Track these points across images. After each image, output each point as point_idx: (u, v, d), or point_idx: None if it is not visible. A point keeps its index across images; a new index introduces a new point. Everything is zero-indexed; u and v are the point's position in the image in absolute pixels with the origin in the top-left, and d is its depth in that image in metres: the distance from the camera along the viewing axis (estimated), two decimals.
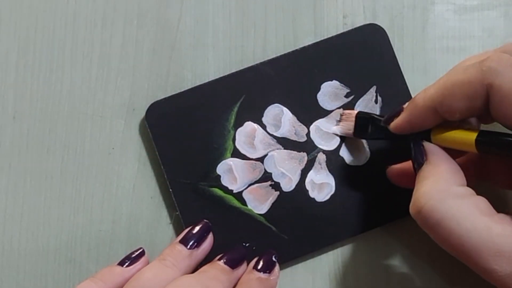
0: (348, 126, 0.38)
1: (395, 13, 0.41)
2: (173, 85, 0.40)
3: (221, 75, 0.40)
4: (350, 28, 0.40)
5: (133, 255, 0.36)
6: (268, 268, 0.36)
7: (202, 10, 0.41)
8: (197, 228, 0.37)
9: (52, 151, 0.40)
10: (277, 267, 0.37)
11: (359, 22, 0.41)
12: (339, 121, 0.39)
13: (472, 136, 0.32)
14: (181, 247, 0.36)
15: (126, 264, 0.36)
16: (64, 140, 0.40)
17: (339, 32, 0.40)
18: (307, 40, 0.41)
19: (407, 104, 0.34)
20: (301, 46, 0.40)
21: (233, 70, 0.40)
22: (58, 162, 0.40)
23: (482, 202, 0.31)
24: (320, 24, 0.41)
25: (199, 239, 0.37)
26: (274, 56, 0.40)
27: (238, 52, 0.41)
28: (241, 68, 0.40)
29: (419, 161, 0.33)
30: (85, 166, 0.40)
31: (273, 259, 0.37)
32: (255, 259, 0.37)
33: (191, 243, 0.36)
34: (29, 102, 0.40)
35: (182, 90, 0.39)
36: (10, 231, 0.39)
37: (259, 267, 0.36)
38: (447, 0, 0.41)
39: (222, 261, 0.36)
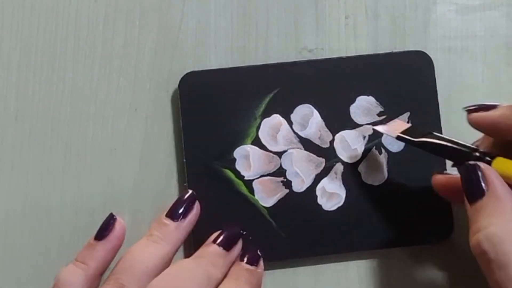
0: (396, 127, 0.37)
1: (397, 13, 0.41)
2: (175, 85, 0.40)
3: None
4: (352, 28, 0.41)
5: (107, 225, 0.36)
6: (254, 261, 0.36)
7: (204, 10, 0.41)
8: (182, 200, 0.37)
9: (54, 151, 0.40)
10: (261, 261, 0.36)
11: (361, 22, 0.41)
12: (385, 124, 0.38)
13: None
14: (167, 221, 0.36)
15: (104, 236, 0.35)
16: (66, 139, 0.40)
17: (341, 32, 0.40)
18: (309, 39, 0.41)
19: (503, 104, 0.32)
20: (339, 55, 0.40)
21: None
22: (60, 162, 0.40)
23: None
24: (322, 24, 0.41)
25: (185, 211, 0.36)
26: (293, 59, 0.40)
27: (240, 51, 0.41)
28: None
29: (479, 191, 0.31)
30: (87, 165, 0.40)
31: (258, 253, 0.36)
32: (241, 253, 0.37)
33: (177, 216, 0.36)
34: (31, 102, 0.40)
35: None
36: (12, 230, 0.39)
37: (246, 259, 0.36)
38: (449, 0, 0.41)
39: (217, 242, 0.36)
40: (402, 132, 0.36)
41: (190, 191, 0.37)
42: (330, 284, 0.39)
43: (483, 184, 0.31)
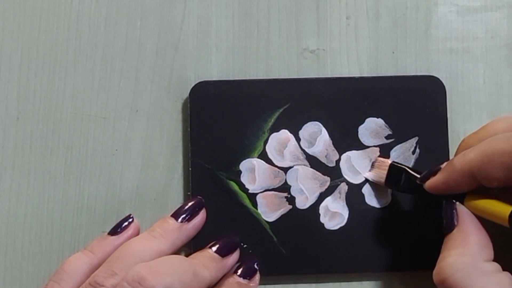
0: (380, 174, 0.38)
1: (398, 14, 0.41)
2: (176, 86, 0.40)
3: (229, 77, 0.40)
4: (353, 29, 0.41)
5: (123, 223, 0.37)
6: (248, 275, 0.36)
7: (205, 11, 0.41)
8: (189, 204, 0.37)
9: (56, 152, 0.40)
10: (257, 275, 0.37)
11: (362, 23, 0.41)
12: (372, 167, 0.39)
13: (506, 210, 0.31)
14: (170, 220, 0.36)
15: (117, 232, 0.36)
16: (67, 141, 0.40)
17: (342, 33, 0.40)
18: (310, 40, 0.41)
19: (444, 164, 0.34)
20: (355, 75, 0.40)
21: (237, 71, 0.40)
22: (61, 163, 0.40)
23: (506, 280, 0.31)
24: (323, 25, 0.41)
25: (191, 214, 0.37)
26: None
27: (241, 53, 0.41)
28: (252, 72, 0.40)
29: (450, 225, 0.33)
30: (88, 167, 0.40)
31: (255, 266, 0.37)
32: (237, 265, 0.37)
33: (182, 217, 0.36)
34: (32, 103, 0.40)
35: (226, 78, 0.40)
36: (14, 232, 0.39)
37: (239, 272, 0.36)
38: (450, 1, 0.41)
39: (213, 248, 0.36)
40: (387, 177, 0.38)
41: (199, 197, 0.37)
42: None
43: (455, 220, 0.33)
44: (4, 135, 0.40)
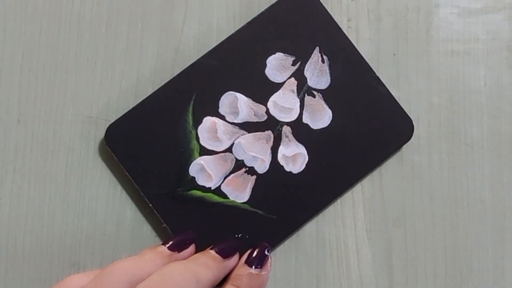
0: None
1: (399, 16, 0.41)
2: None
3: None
4: (354, 31, 0.41)
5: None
6: (259, 263, 0.36)
7: (206, 13, 0.41)
8: (181, 236, 0.37)
9: (56, 154, 0.40)
10: (269, 261, 0.36)
11: (364, 25, 0.41)
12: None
13: None
14: (162, 248, 0.35)
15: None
16: (68, 143, 0.40)
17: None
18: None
19: None
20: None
21: None
22: (62, 165, 0.40)
23: None
24: None
25: (181, 246, 0.36)
26: None
27: None
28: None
29: None
30: (89, 169, 0.40)
31: (266, 253, 0.37)
32: (247, 253, 0.37)
33: (172, 248, 0.36)
34: (33, 105, 0.40)
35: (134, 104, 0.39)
36: (14, 234, 0.39)
37: (250, 261, 0.36)
38: (451, 3, 0.41)
39: (213, 250, 0.36)
40: None
41: (191, 233, 0.37)
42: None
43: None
44: (5, 138, 0.40)
